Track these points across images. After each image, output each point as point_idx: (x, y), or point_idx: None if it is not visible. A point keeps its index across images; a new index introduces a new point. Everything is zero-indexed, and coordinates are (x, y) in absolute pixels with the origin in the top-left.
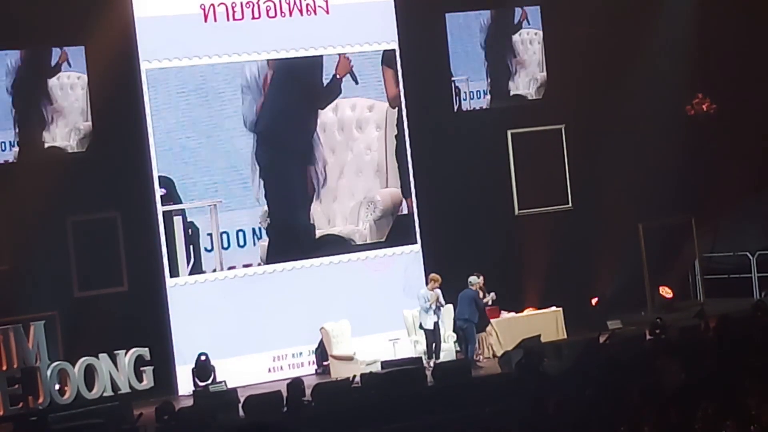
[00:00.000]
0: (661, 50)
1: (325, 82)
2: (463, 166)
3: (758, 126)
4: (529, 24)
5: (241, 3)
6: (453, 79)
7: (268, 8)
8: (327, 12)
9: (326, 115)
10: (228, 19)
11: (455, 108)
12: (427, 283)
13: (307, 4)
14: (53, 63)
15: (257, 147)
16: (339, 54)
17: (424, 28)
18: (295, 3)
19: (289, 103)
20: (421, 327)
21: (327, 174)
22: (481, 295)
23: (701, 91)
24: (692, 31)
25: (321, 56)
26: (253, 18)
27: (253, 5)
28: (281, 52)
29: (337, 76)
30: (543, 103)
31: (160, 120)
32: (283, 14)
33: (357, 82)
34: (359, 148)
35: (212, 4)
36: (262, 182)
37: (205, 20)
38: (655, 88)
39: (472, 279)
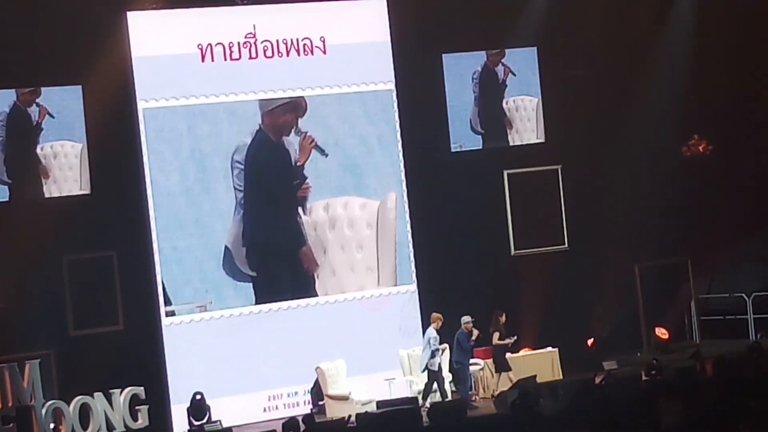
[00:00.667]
0: (656, 91)
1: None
2: (459, 206)
3: (754, 167)
4: (514, 75)
5: (239, 42)
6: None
7: (266, 48)
8: (324, 52)
9: (317, 214)
10: (225, 59)
11: (452, 148)
12: (429, 323)
13: (305, 45)
14: (35, 122)
15: (247, 252)
16: (302, 132)
17: (420, 68)
18: (292, 43)
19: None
20: (426, 368)
21: (319, 273)
22: (473, 335)
23: (697, 133)
24: (688, 72)
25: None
26: (251, 58)
27: (251, 45)
28: (278, 92)
29: (299, 163)
30: (540, 144)
31: (156, 158)
32: (280, 54)
33: (326, 155)
34: (351, 246)
35: (209, 44)
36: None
37: (202, 60)
38: (652, 129)
39: (464, 318)
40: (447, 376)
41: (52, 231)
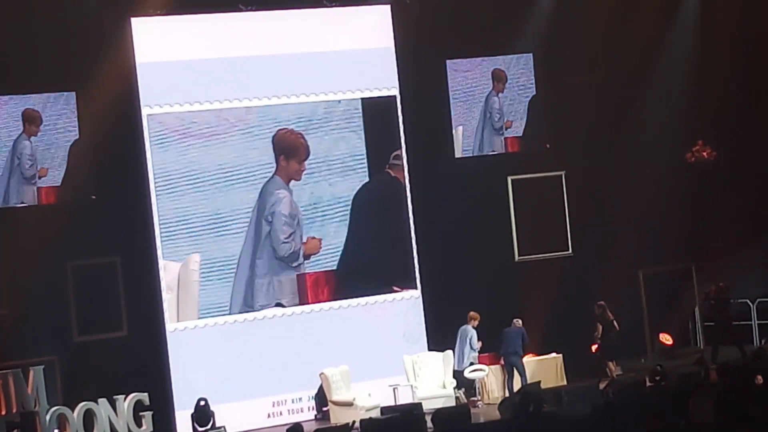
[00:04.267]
0: (661, 97)
1: None
2: (463, 212)
3: (758, 173)
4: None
5: (243, 48)
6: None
7: (270, 53)
8: (328, 58)
9: None
10: (229, 65)
11: (456, 154)
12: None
13: (309, 51)
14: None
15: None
16: None
17: (424, 74)
18: (296, 49)
19: None
20: (457, 370)
21: None
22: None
23: (701, 138)
24: (692, 77)
25: None
26: (255, 64)
27: (255, 51)
28: (282, 98)
29: None
30: (543, 149)
31: (160, 164)
32: (284, 60)
33: None
34: None
35: (213, 50)
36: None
37: (206, 66)
38: (656, 135)
39: (518, 321)
40: (451, 381)
41: (56, 237)
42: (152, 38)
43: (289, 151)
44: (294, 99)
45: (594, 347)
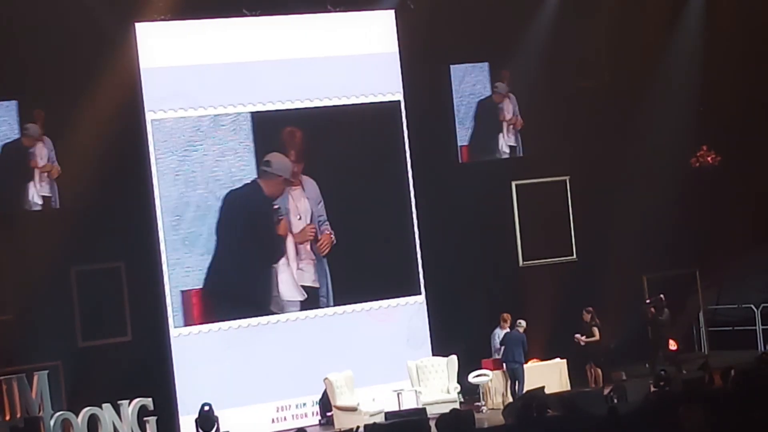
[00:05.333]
0: (665, 102)
1: None
2: (467, 217)
3: (763, 178)
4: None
5: (247, 53)
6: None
7: (274, 58)
8: (332, 63)
9: None
10: (234, 70)
11: (460, 159)
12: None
13: (313, 56)
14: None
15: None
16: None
17: (428, 78)
18: (300, 54)
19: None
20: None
21: None
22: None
23: (706, 143)
24: (696, 82)
25: None
26: (259, 68)
27: (259, 55)
28: (286, 103)
29: None
30: (548, 154)
31: (164, 169)
32: (288, 65)
33: None
34: None
35: (218, 55)
36: None
37: (211, 70)
38: (660, 139)
39: (522, 322)
40: (456, 386)
41: (61, 242)
42: (156, 43)
43: None
44: (298, 104)
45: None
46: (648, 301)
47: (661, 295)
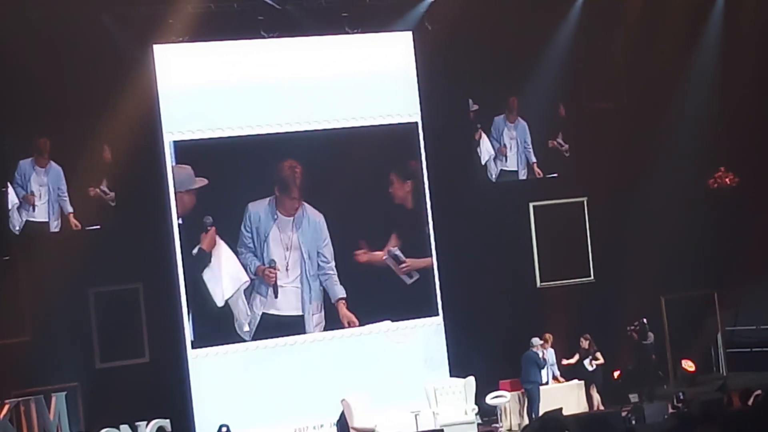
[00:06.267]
0: (683, 123)
1: None
2: (485, 238)
3: None
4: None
5: (264, 74)
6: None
7: (291, 80)
8: (349, 85)
9: None
10: (251, 91)
11: (478, 180)
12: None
13: (330, 77)
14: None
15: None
16: None
17: (446, 100)
18: (317, 75)
19: None
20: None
21: None
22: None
23: (724, 165)
24: (715, 104)
25: None
26: (276, 90)
27: (276, 77)
28: (304, 125)
29: None
30: (565, 175)
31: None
32: (305, 86)
33: None
34: None
35: (235, 76)
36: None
37: (228, 92)
38: (678, 161)
39: (536, 340)
40: (474, 408)
41: (79, 263)
42: (175, 65)
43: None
44: (315, 125)
45: (617, 373)
46: (630, 327)
47: (644, 319)
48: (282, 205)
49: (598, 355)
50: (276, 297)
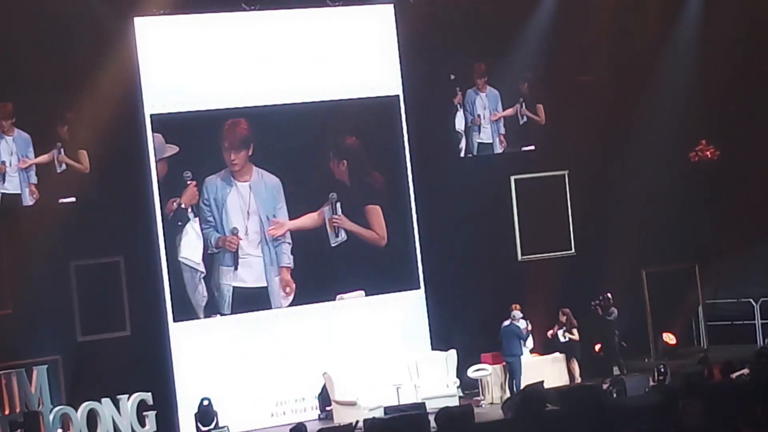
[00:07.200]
0: (664, 97)
1: None
2: (466, 212)
3: (762, 172)
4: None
5: (246, 47)
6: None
7: (272, 53)
8: (331, 59)
9: None
10: (232, 65)
11: (459, 153)
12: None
13: (312, 51)
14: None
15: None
16: None
17: (428, 73)
18: (299, 49)
19: None
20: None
21: None
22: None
23: (705, 138)
24: (695, 77)
25: None
26: (257, 63)
27: (258, 50)
28: (285, 98)
29: None
30: (546, 149)
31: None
32: (287, 59)
33: None
34: None
35: (217, 49)
36: None
37: (210, 65)
38: (659, 134)
39: (516, 313)
40: (455, 381)
41: (60, 237)
42: (155, 38)
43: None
44: (300, 98)
45: (598, 347)
46: (594, 302)
47: (608, 294)
48: (238, 172)
49: (574, 331)
50: (236, 269)
